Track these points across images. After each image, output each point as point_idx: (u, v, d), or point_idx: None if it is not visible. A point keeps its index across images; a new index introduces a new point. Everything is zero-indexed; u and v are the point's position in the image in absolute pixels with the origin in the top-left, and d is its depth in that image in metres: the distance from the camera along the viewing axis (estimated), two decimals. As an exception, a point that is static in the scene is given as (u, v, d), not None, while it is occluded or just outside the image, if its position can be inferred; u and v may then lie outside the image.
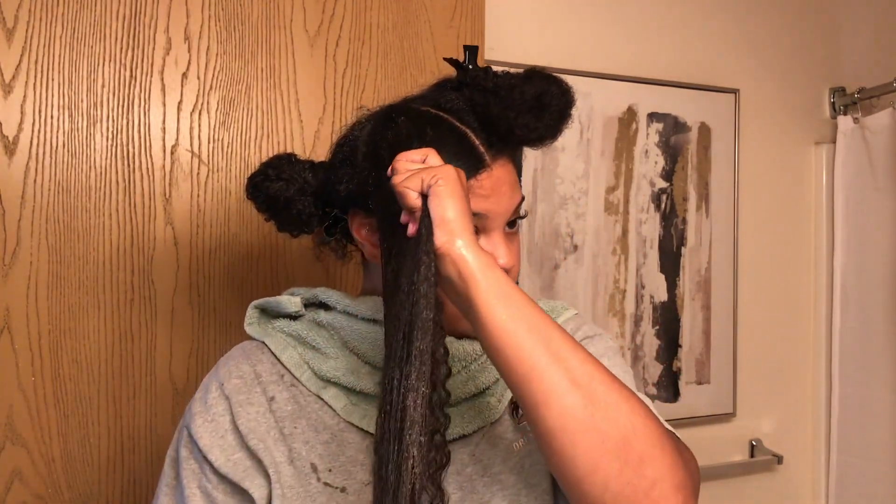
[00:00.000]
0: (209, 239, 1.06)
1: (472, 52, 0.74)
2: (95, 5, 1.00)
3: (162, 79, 1.04)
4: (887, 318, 1.56)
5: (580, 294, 1.44)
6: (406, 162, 0.60)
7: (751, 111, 1.64)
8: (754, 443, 1.64)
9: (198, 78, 1.06)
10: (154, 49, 1.03)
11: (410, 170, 0.59)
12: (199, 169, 1.06)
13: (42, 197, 0.97)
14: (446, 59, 0.76)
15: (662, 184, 1.53)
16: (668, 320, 1.53)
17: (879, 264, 1.58)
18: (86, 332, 1.00)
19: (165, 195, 1.04)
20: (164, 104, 1.04)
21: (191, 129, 1.05)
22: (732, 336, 1.60)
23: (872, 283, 1.60)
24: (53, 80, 0.98)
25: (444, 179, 0.57)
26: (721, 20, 1.61)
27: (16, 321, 0.96)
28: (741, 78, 1.62)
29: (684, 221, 1.55)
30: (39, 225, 0.97)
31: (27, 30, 0.97)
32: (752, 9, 1.64)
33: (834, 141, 1.70)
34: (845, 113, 1.69)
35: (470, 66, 0.73)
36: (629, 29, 1.51)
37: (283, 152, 0.79)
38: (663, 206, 1.53)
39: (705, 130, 1.57)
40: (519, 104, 0.67)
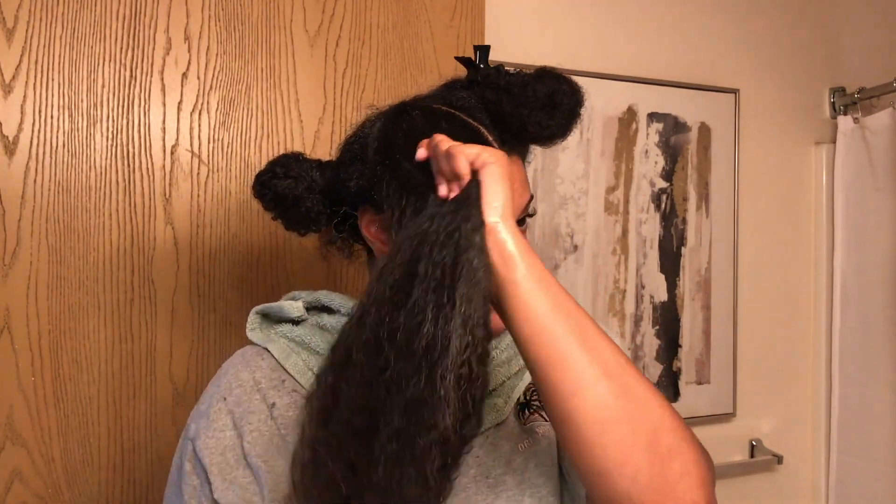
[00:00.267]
0: (209, 239, 1.06)
1: (484, 52, 0.74)
2: (95, 5, 1.00)
3: (162, 79, 1.04)
4: (887, 318, 1.56)
5: (580, 294, 1.44)
6: (446, 141, 0.60)
7: (751, 111, 1.64)
8: (754, 443, 1.64)
9: (198, 78, 1.06)
10: (154, 49, 1.03)
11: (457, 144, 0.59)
12: (199, 169, 1.06)
13: (42, 197, 0.97)
14: (458, 59, 0.77)
15: (662, 184, 1.53)
16: (668, 320, 1.53)
17: (879, 264, 1.58)
18: (86, 332, 1.00)
19: (165, 195, 1.04)
20: (164, 104, 1.04)
21: (191, 129, 1.05)
22: (732, 336, 1.60)
23: (872, 283, 1.59)
24: (53, 80, 0.98)
25: (501, 163, 0.57)
26: (721, 20, 1.61)
27: (16, 321, 0.96)
28: (741, 78, 1.62)
29: (684, 221, 1.55)
30: (39, 225, 0.97)
31: (27, 30, 0.97)
32: (752, 9, 1.64)
33: (834, 141, 1.70)
34: (845, 113, 1.69)
35: (481, 66, 0.74)
36: (629, 29, 1.51)
37: (291, 151, 0.79)
38: (663, 206, 1.53)
39: (705, 130, 1.57)
40: (532, 101, 0.67)
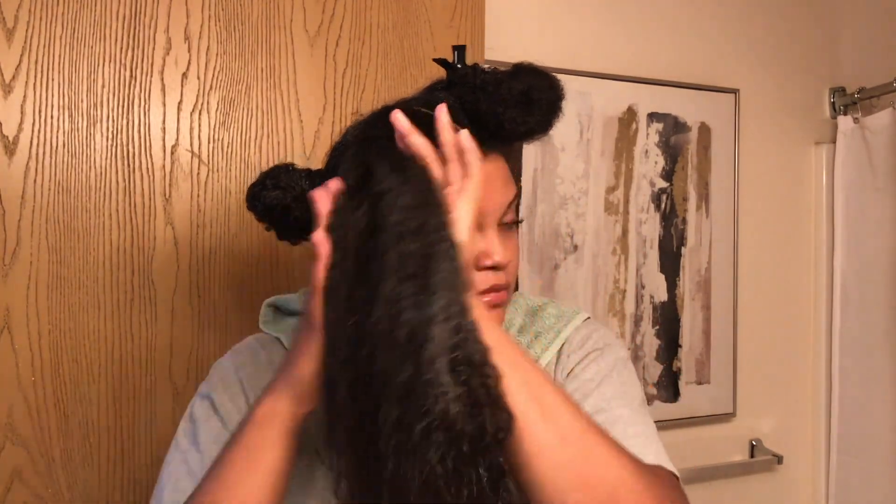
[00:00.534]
0: (209, 239, 1.06)
1: (461, 52, 0.74)
2: (95, 5, 1.00)
3: (162, 79, 1.04)
4: (887, 318, 1.55)
5: (580, 294, 1.44)
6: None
7: (751, 111, 1.64)
8: (754, 443, 1.64)
9: (198, 78, 1.06)
10: (154, 49, 1.03)
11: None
12: (199, 169, 1.06)
13: (42, 197, 0.97)
14: (435, 60, 0.77)
15: (662, 184, 1.53)
16: (668, 320, 1.53)
17: (879, 264, 1.58)
18: (86, 332, 1.00)
19: (165, 195, 1.04)
20: (164, 104, 1.04)
21: (191, 129, 1.05)
22: (732, 336, 1.60)
23: (872, 283, 1.59)
24: (53, 80, 0.98)
25: (477, 187, 0.58)
26: (721, 20, 1.61)
27: (16, 321, 0.96)
28: (741, 78, 1.62)
29: (684, 221, 1.55)
30: (39, 225, 0.97)
31: (27, 30, 0.97)
32: (752, 9, 1.64)
33: (834, 141, 1.70)
34: (845, 113, 1.69)
35: (458, 66, 0.74)
36: (629, 29, 1.51)
37: (282, 162, 0.79)
38: (663, 206, 1.53)
39: (705, 130, 1.57)
40: (507, 99, 0.67)
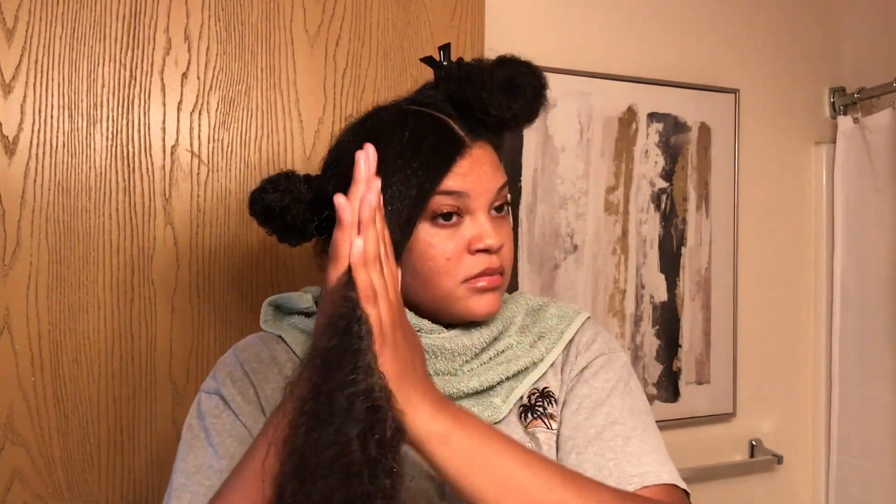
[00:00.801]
0: (209, 239, 1.06)
1: (446, 50, 0.77)
2: (95, 5, 1.00)
3: (162, 79, 1.04)
4: (887, 318, 1.55)
5: (580, 294, 1.44)
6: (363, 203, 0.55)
7: (751, 111, 1.64)
8: (754, 443, 1.64)
9: (198, 78, 1.06)
10: (154, 49, 1.04)
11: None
12: (199, 169, 1.06)
13: (42, 197, 0.97)
14: (422, 60, 0.80)
15: (662, 184, 1.53)
16: (668, 320, 1.53)
17: (879, 264, 1.58)
18: (86, 332, 1.00)
19: (165, 195, 1.04)
20: (164, 104, 1.04)
21: (191, 129, 1.05)
22: (732, 336, 1.60)
23: (872, 284, 1.59)
24: (53, 80, 0.98)
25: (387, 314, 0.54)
26: (721, 20, 1.61)
27: (16, 321, 0.96)
28: (741, 78, 1.62)
29: (684, 221, 1.55)
30: (39, 225, 0.97)
31: (27, 30, 0.97)
32: (752, 9, 1.64)
33: (834, 141, 1.70)
34: (845, 113, 1.69)
35: (444, 63, 0.76)
36: (629, 29, 1.51)
37: (284, 170, 0.81)
38: (663, 206, 1.53)
39: (705, 130, 1.57)
40: (491, 85, 0.69)
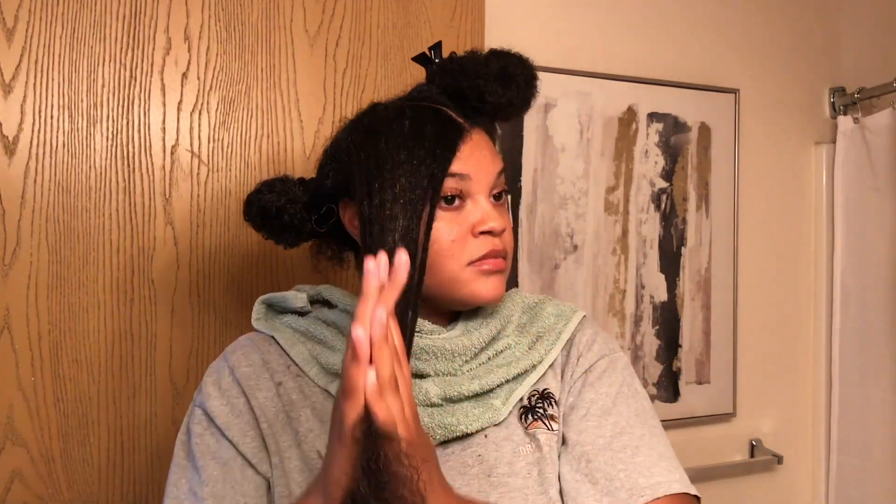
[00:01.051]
0: (209, 239, 1.06)
1: (437, 48, 0.79)
2: (95, 5, 1.00)
3: (162, 79, 1.04)
4: (887, 318, 1.55)
5: (580, 294, 1.44)
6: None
7: (751, 111, 1.63)
8: (754, 443, 1.64)
9: (198, 78, 1.06)
10: (154, 49, 1.04)
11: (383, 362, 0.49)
12: (199, 169, 1.06)
13: (42, 197, 0.97)
14: (414, 59, 0.82)
15: (662, 184, 1.53)
16: (668, 320, 1.53)
17: (879, 264, 1.58)
18: (86, 332, 1.00)
19: (165, 195, 1.04)
20: (164, 104, 1.04)
21: (191, 129, 1.05)
22: (732, 336, 1.60)
23: (872, 284, 1.59)
24: (53, 80, 0.98)
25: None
26: (721, 20, 1.61)
27: (16, 321, 0.96)
28: (741, 78, 1.62)
29: (684, 221, 1.55)
30: (39, 225, 0.97)
31: (27, 30, 0.97)
32: (752, 9, 1.64)
33: (834, 141, 1.69)
34: (845, 113, 1.69)
35: (436, 60, 0.79)
36: (629, 29, 1.51)
37: (278, 175, 0.83)
38: (663, 206, 1.53)
39: (705, 130, 1.57)
40: (486, 73, 0.72)
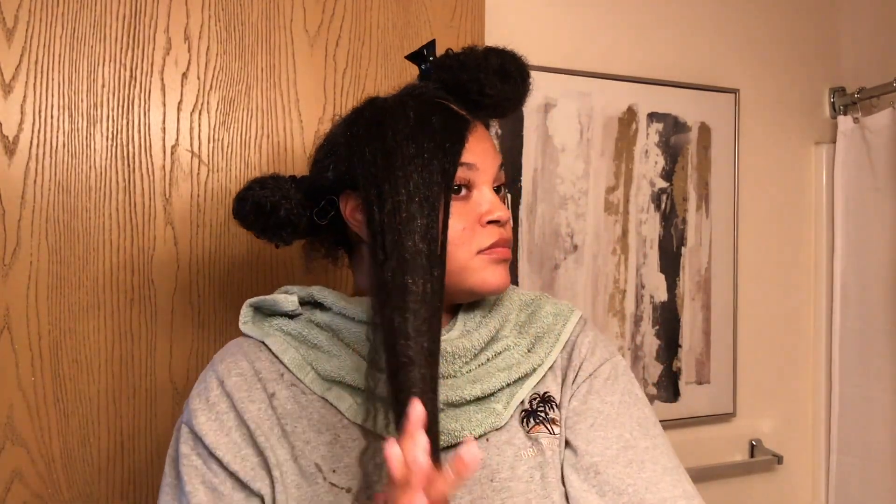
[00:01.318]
0: (209, 239, 1.06)
1: (431, 46, 0.80)
2: (95, 5, 1.00)
3: (162, 79, 1.04)
4: (887, 318, 1.55)
5: (580, 294, 1.44)
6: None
7: (751, 111, 1.64)
8: (754, 443, 1.64)
9: (198, 78, 1.06)
10: (154, 49, 1.04)
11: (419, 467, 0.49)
12: (199, 169, 1.06)
13: (42, 197, 0.97)
14: (407, 57, 0.82)
15: (662, 184, 1.53)
16: (668, 320, 1.53)
17: (879, 264, 1.58)
18: (86, 332, 1.00)
19: (165, 195, 1.04)
20: (164, 104, 1.04)
21: (191, 129, 1.05)
22: (732, 336, 1.60)
23: (872, 283, 1.59)
24: (53, 80, 0.98)
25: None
26: (721, 20, 1.61)
27: (16, 321, 0.96)
28: (741, 78, 1.62)
29: (684, 221, 1.55)
30: (39, 225, 0.97)
31: (27, 30, 0.97)
32: (752, 9, 1.64)
33: (834, 141, 1.70)
34: (845, 113, 1.69)
35: (431, 58, 0.79)
36: (629, 29, 1.51)
37: (267, 172, 0.83)
38: (663, 206, 1.53)
39: (705, 130, 1.57)
40: (486, 68, 0.73)
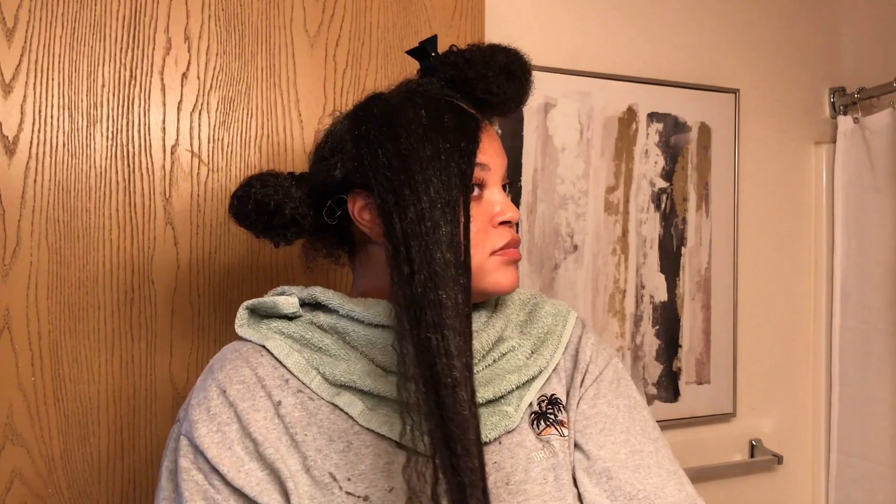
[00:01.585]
0: (209, 239, 1.06)
1: (433, 41, 0.79)
2: (95, 5, 1.00)
3: (162, 79, 1.04)
4: (887, 318, 1.55)
5: (580, 294, 1.44)
6: None
7: (751, 111, 1.64)
8: (754, 443, 1.64)
9: (198, 78, 1.06)
10: (154, 49, 1.04)
11: None
12: (199, 169, 1.06)
13: (42, 197, 0.97)
14: (408, 52, 0.81)
15: (662, 184, 1.53)
16: (668, 320, 1.53)
17: (879, 264, 1.58)
18: (86, 332, 1.00)
19: (165, 195, 1.04)
20: (164, 104, 1.04)
21: (191, 129, 1.05)
22: (732, 336, 1.60)
23: (872, 283, 1.59)
24: (53, 80, 0.98)
25: None
26: (721, 20, 1.61)
27: (16, 321, 0.96)
28: (741, 78, 1.62)
29: (684, 221, 1.55)
30: (39, 225, 0.97)
31: (27, 30, 0.97)
32: (752, 9, 1.64)
33: (834, 141, 1.70)
34: (845, 113, 1.69)
35: (433, 54, 0.79)
36: (629, 29, 1.51)
37: (263, 171, 0.81)
38: (663, 206, 1.53)
39: (705, 130, 1.57)
40: (493, 66, 0.73)
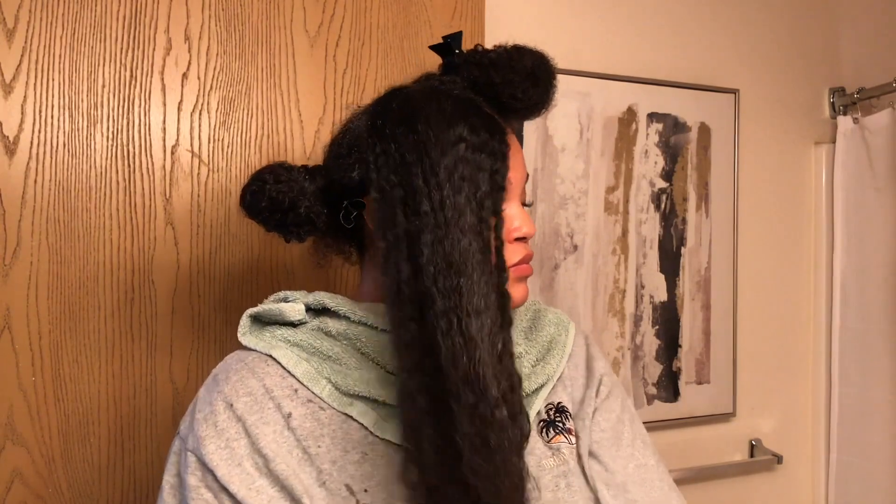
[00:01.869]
0: (209, 239, 1.06)
1: (457, 38, 0.76)
2: (95, 5, 1.00)
3: (162, 79, 1.04)
4: (887, 318, 1.56)
5: (580, 294, 1.44)
6: None
7: (751, 111, 1.64)
8: (754, 443, 1.64)
9: (198, 78, 1.06)
10: (154, 49, 1.04)
11: None
12: (199, 169, 1.06)
13: (42, 197, 0.97)
14: (432, 48, 0.78)
15: (662, 184, 1.53)
16: (668, 320, 1.53)
17: (879, 264, 1.58)
18: (86, 332, 1.00)
19: (165, 195, 1.04)
20: (165, 104, 1.04)
21: (191, 129, 1.05)
22: (732, 336, 1.60)
23: (872, 283, 1.59)
24: (53, 80, 0.98)
25: None
26: (721, 20, 1.61)
27: (16, 321, 0.96)
28: (741, 78, 1.62)
29: (684, 221, 1.55)
30: (39, 225, 0.97)
31: (27, 30, 0.97)
32: (752, 9, 1.64)
33: (834, 141, 1.70)
34: (845, 113, 1.69)
35: (457, 51, 0.76)
36: (629, 29, 1.51)
37: (274, 161, 0.78)
38: (663, 206, 1.53)
39: (705, 130, 1.57)
40: (520, 71, 0.71)
